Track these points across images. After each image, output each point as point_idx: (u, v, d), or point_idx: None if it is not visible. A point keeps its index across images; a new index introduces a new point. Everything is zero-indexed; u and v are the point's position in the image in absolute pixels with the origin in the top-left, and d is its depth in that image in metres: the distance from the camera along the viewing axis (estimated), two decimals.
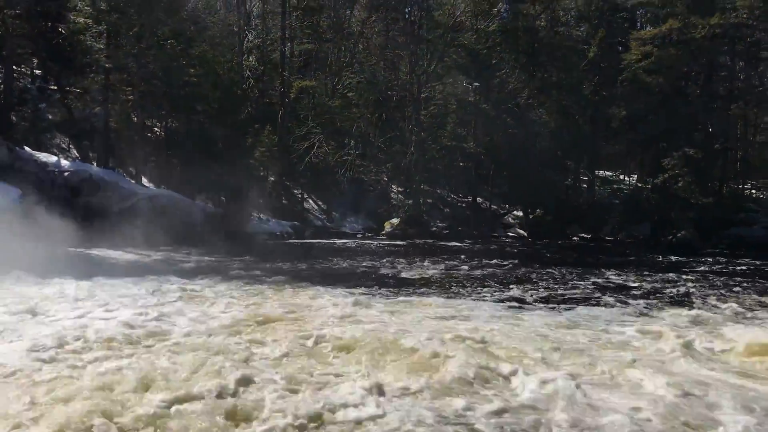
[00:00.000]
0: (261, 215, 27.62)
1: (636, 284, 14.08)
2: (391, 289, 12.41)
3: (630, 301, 11.62)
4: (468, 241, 25.96)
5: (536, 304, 11.28)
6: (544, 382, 6.08)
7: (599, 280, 14.61)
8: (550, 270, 16.39)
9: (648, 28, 32.13)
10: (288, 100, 30.51)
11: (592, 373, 6.57)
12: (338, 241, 24.63)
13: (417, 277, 14.73)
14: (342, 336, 7.63)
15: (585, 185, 33.31)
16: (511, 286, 13.25)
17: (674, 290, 13.29)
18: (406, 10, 32.91)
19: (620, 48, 31.58)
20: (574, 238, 29.10)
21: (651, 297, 12.31)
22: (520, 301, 11.51)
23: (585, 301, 11.67)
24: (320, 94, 31.86)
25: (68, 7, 23.49)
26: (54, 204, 17.14)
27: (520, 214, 32.08)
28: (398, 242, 25.12)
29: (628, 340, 8.23)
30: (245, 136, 27.80)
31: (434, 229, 29.74)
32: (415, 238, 26.55)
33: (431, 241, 25.93)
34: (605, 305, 11.17)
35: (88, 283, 11.09)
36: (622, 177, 36.84)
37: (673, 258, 20.59)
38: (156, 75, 24.14)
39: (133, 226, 18.64)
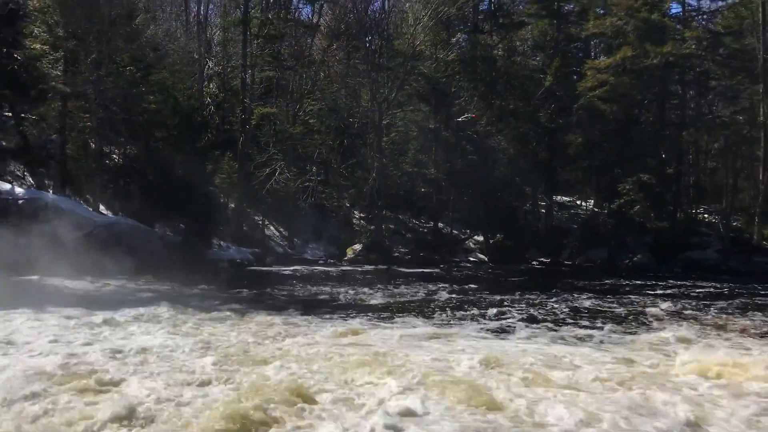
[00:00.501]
0: (221, 242, 27.20)
1: (606, 307, 14.33)
2: (369, 314, 12.36)
3: (606, 324, 11.77)
4: (430, 266, 26.03)
5: (521, 324, 11.43)
6: (569, 402, 6.14)
7: (571, 303, 14.81)
8: (517, 293, 16.58)
9: (602, 57, 33.05)
10: (249, 126, 30.31)
11: (617, 394, 6.66)
12: (301, 268, 24.40)
13: (389, 302, 14.71)
14: (342, 360, 7.60)
15: (543, 210, 33.80)
16: (487, 309, 13.28)
17: (646, 311, 13.59)
18: (367, 39, 33.19)
19: (575, 77, 32.36)
20: (534, 263, 29.42)
21: (627, 318, 12.55)
22: (504, 323, 11.62)
23: (569, 323, 11.81)
24: (281, 121, 31.72)
25: (24, 34, 23.01)
26: (8, 232, 16.65)
27: (481, 239, 32.31)
28: (361, 268, 25.02)
29: (630, 358, 8.38)
30: (205, 163, 27.46)
31: (396, 254, 29.69)
32: (377, 263, 26.46)
33: (394, 266, 25.90)
34: (587, 327, 11.33)
35: (45, 314, 10.68)
36: (579, 202, 37.49)
37: (633, 281, 20.99)
38: (115, 102, 23.72)
39: (91, 254, 18.10)
